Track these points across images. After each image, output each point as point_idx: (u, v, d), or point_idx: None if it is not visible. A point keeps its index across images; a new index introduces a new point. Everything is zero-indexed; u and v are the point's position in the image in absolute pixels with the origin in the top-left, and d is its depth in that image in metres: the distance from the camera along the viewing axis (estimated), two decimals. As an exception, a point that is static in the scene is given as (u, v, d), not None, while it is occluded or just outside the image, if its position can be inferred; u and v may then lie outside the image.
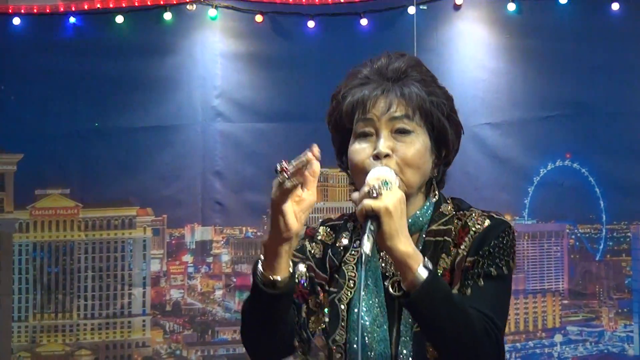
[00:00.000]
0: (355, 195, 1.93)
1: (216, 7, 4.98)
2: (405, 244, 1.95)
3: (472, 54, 4.92)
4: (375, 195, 1.90)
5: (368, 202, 1.90)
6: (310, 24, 4.93)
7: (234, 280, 5.25)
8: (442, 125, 2.12)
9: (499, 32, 4.95)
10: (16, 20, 4.91)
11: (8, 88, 5.01)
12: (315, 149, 1.84)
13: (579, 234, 5.02)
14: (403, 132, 2.09)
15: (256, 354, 2.10)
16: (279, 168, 1.76)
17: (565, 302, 4.97)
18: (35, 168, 5.04)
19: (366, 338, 2.14)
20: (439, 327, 2.05)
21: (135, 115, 5.03)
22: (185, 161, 5.05)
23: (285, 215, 1.86)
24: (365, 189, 1.95)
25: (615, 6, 4.88)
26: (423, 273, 1.92)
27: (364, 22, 4.91)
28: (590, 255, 4.98)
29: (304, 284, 2.13)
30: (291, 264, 1.99)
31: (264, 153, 5.07)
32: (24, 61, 5.01)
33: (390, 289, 2.06)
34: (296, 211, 1.85)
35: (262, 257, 1.95)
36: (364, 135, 2.09)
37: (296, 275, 2.03)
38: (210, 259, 5.16)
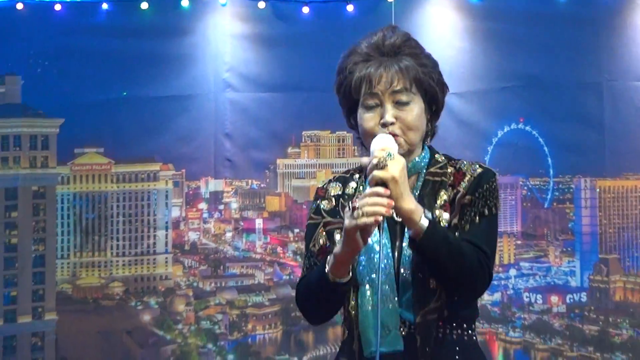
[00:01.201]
0: (365, 160, 2.27)
1: None
2: (409, 203, 2.25)
3: (441, 35, 5.32)
4: (382, 166, 2.21)
5: (377, 174, 2.22)
6: (305, 9, 5.37)
7: (242, 224, 5.66)
8: (433, 89, 2.42)
9: (464, 17, 5.40)
10: (57, 7, 5.36)
11: (50, 64, 5.47)
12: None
13: (530, 186, 5.48)
14: (402, 102, 2.39)
15: (314, 317, 2.56)
16: (351, 206, 2.18)
17: (519, 242, 5.43)
18: (74, 131, 5.50)
19: (375, 257, 2.43)
20: (441, 262, 2.32)
21: (158, 86, 5.44)
22: (200, 125, 5.51)
23: (357, 240, 2.24)
24: (374, 161, 2.24)
25: None
26: (425, 223, 2.24)
27: (350, 8, 5.32)
28: (539, 203, 5.43)
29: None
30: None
31: (266, 118, 5.55)
32: (64, 41, 5.45)
33: (395, 216, 2.35)
34: (361, 238, 2.26)
35: (329, 261, 2.36)
36: (370, 107, 2.40)
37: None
38: (221, 207, 5.62)
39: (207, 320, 5.59)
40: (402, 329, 2.42)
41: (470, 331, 2.46)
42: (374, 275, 2.42)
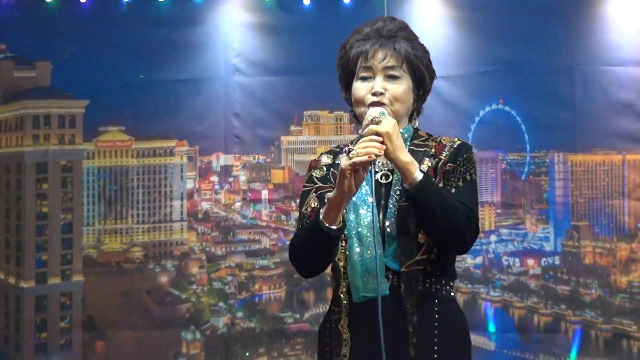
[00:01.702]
0: (366, 130, 2.46)
1: None
2: (405, 155, 2.42)
3: (429, 25, 5.50)
4: (377, 122, 2.41)
5: (373, 127, 2.40)
6: (306, 1, 5.65)
7: (249, 195, 5.91)
8: (422, 72, 2.61)
9: (450, 8, 5.64)
10: (82, 0, 5.68)
11: (77, 51, 5.72)
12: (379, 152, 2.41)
13: (508, 160, 5.69)
14: (393, 77, 2.57)
15: (306, 270, 2.72)
16: (348, 150, 2.33)
17: (499, 211, 5.70)
18: (98, 111, 5.76)
19: (362, 213, 2.62)
20: (434, 213, 2.48)
21: (173, 71, 5.70)
22: (211, 105, 5.74)
23: (350, 183, 2.38)
24: (369, 118, 2.43)
25: None
26: (419, 175, 2.41)
27: (346, 0, 5.60)
28: (517, 176, 5.69)
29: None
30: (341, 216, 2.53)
31: (271, 99, 5.77)
32: (89, 30, 5.70)
33: (380, 179, 2.61)
34: (354, 182, 2.39)
35: (322, 211, 2.50)
36: (364, 78, 2.59)
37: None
38: (231, 179, 5.87)
39: (218, 281, 5.80)
40: (388, 277, 2.64)
41: (448, 287, 2.69)
42: (360, 230, 2.63)
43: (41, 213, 5.80)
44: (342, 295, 2.69)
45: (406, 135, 2.71)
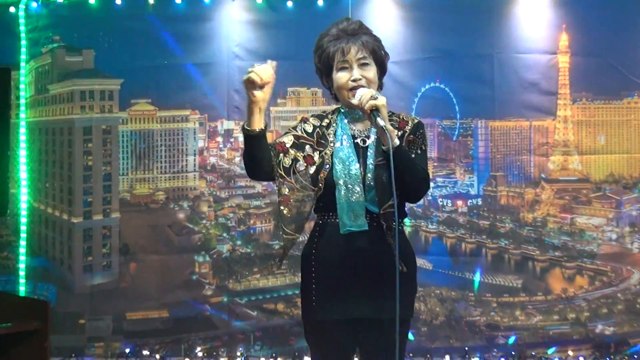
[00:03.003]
0: (355, 101, 2.80)
1: None
2: (389, 124, 2.76)
3: (383, 21, 5.88)
4: (375, 98, 2.76)
5: (373, 102, 2.75)
6: (289, 3, 5.99)
7: None
8: (382, 57, 2.98)
9: (399, 8, 5.96)
10: (118, 1, 6.04)
11: (114, 40, 6.16)
12: (274, 63, 2.78)
13: (443, 126, 6.06)
14: (365, 65, 2.91)
15: (250, 173, 2.94)
16: (250, 70, 2.70)
17: (435, 164, 6.04)
18: (130, 87, 6.17)
19: (347, 166, 2.91)
20: (404, 170, 2.79)
21: (188, 56, 6.10)
22: (217, 83, 6.12)
23: (255, 91, 2.74)
24: (368, 95, 2.76)
25: None
26: (397, 141, 2.79)
27: (320, 2, 5.96)
28: (449, 137, 6.05)
29: (286, 144, 2.89)
30: (263, 123, 2.77)
31: None
32: (123, 24, 6.11)
33: (360, 142, 2.94)
34: (261, 92, 2.74)
35: (245, 122, 2.79)
36: (343, 69, 2.92)
37: (266, 129, 2.78)
38: (232, 140, 6.19)
39: (223, 217, 6.14)
40: (367, 217, 2.91)
41: (402, 224, 3.14)
42: (346, 179, 2.93)
43: (87, 165, 6.20)
44: (328, 229, 2.96)
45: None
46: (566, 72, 5.92)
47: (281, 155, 2.90)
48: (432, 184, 5.62)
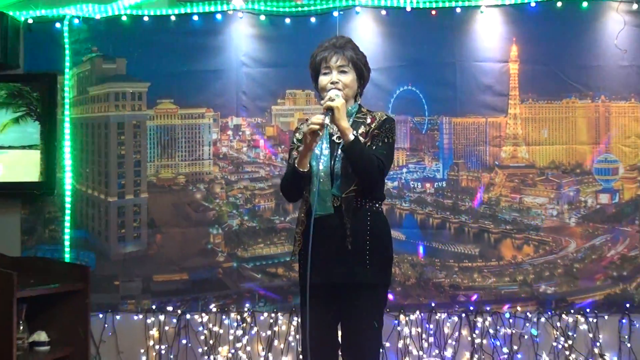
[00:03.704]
0: (325, 104, 3.07)
1: (242, 12, 6.23)
2: (345, 123, 3.07)
3: (366, 35, 6.08)
4: (332, 100, 3.04)
5: (329, 103, 3.06)
6: (287, 20, 6.13)
7: (252, 142, 6.33)
8: (361, 69, 3.29)
9: (379, 25, 6.17)
10: (145, 18, 6.28)
11: (143, 51, 6.37)
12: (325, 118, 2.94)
13: (414, 121, 6.22)
14: (343, 72, 3.23)
15: (288, 197, 3.45)
16: (321, 120, 2.92)
17: (408, 153, 6.19)
18: (156, 89, 6.37)
19: (320, 162, 3.23)
20: (358, 162, 3.06)
21: (204, 64, 6.30)
22: (227, 86, 6.30)
23: (310, 140, 3.02)
24: (328, 95, 3.09)
25: (433, 12, 6.00)
26: (352, 137, 3.05)
27: (312, 19, 6.11)
28: (420, 131, 6.22)
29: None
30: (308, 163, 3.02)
31: (265, 82, 6.26)
32: (150, 37, 6.32)
33: (335, 139, 3.23)
34: (312, 140, 3.00)
35: (296, 160, 3.10)
36: (326, 73, 3.25)
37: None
38: (240, 133, 6.35)
39: (233, 197, 6.34)
40: (334, 202, 3.22)
41: (377, 205, 3.33)
42: (318, 172, 3.23)
43: (120, 154, 6.39)
44: (302, 214, 3.40)
45: (353, 111, 3.38)
46: (516, 77, 6.09)
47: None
48: (405, 170, 6.15)
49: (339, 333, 3.45)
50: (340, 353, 3.47)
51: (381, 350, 4.68)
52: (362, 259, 3.19)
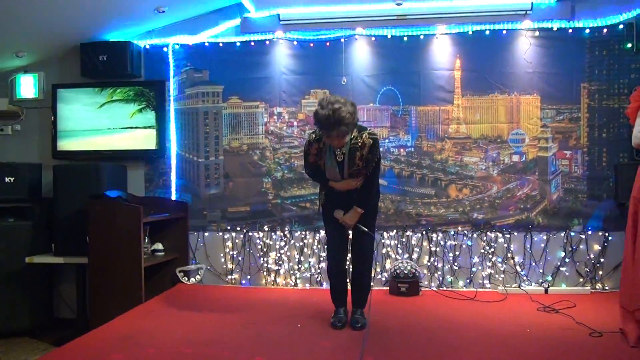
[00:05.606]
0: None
1: (282, 40, 7.54)
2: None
3: (363, 53, 7.44)
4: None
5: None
6: (311, 44, 7.47)
7: (289, 123, 7.63)
8: (352, 127, 4.40)
9: (372, 47, 7.49)
10: (220, 44, 7.49)
11: (219, 65, 7.78)
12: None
13: (392, 109, 7.50)
14: (341, 137, 4.27)
15: (316, 180, 4.83)
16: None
17: (389, 130, 7.43)
18: (228, 90, 7.80)
19: (331, 168, 4.48)
20: (368, 202, 4.41)
21: (259, 73, 7.70)
22: (273, 88, 7.69)
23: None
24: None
25: (405, 38, 6.99)
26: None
27: (327, 44, 7.47)
28: (396, 115, 7.51)
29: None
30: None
31: (297, 84, 7.65)
32: (223, 56, 7.73)
33: (337, 158, 4.54)
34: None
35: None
36: (328, 137, 4.31)
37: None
38: (281, 117, 7.71)
39: (277, 158, 7.72)
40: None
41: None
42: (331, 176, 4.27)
43: (206, 132, 7.78)
44: (323, 192, 4.62)
45: (351, 141, 4.36)
46: (459, 80, 7.34)
47: (316, 160, 4.27)
48: (387, 141, 7.32)
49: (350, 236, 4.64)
50: (349, 248, 4.70)
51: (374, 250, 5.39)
52: (361, 201, 4.18)
